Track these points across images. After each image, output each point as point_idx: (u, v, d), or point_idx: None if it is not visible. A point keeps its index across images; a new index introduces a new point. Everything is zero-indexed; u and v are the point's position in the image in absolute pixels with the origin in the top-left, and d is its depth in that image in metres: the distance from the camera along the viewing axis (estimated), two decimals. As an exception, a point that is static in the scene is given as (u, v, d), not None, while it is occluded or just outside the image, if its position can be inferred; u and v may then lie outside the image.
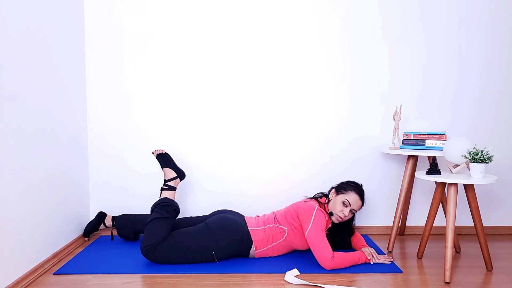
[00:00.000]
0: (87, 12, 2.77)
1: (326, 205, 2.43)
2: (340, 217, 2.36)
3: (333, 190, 2.46)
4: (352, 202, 2.37)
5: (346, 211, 2.35)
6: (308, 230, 2.24)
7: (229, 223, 2.34)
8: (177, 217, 2.50)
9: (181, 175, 2.58)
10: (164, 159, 2.58)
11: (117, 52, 2.80)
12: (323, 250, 2.18)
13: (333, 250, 2.32)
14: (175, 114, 2.85)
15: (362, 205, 2.43)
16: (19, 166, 1.98)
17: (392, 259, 2.35)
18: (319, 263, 2.21)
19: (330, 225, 2.42)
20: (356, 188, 2.43)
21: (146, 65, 2.82)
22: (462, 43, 2.87)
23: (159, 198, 2.46)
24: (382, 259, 2.32)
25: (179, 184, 2.70)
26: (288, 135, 2.89)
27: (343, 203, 2.36)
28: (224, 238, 2.28)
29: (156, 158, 2.60)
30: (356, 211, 2.42)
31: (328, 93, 2.88)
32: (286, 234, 2.34)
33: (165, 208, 2.34)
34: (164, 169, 2.57)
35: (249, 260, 2.36)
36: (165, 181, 2.53)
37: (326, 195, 2.50)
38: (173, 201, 2.41)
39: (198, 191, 2.88)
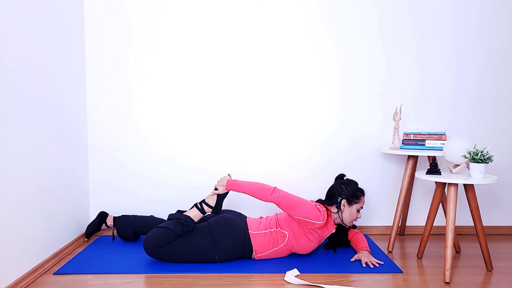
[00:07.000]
0: (87, 8, 2.77)
1: (333, 213, 2.40)
2: (356, 220, 2.48)
3: (344, 202, 2.38)
4: (363, 205, 2.47)
5: (360, 214, 2.46)
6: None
7: (231, 225, 2.32)
8: None
9: (217, 211, 2.43)
10: (223, 195, 2.44)
11: (117, 51, 2.80)
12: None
13: (335, 248, 2.51)
14: (176, 115, 2.85)
15: None
16: (19, 167, 1.98)
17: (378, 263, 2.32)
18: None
19: (334, 230, 2.40)
20: (363, 192, 2.46)
21: (147, 65, 2.82)
22: (460, 42, 2.87)
23: (186, 211, 2.37)
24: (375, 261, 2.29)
25: (183, 193, 2.79)
26: (287, 135, 2.89)
27: (358, 211, 2.44)
28: (225, 241, 2.28)
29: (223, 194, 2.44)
30: None
31: (327, 93, 2.88)
32: (286, 239, 2.33)
33: (182, 226, 2.27)
34: (214, 193, 2.42)
35: (249, 260, 2.36)
36: (204, 201, 2.40)
37: (336, 205, 2.40)
38: (193, 223, 2.31)
39: (198, 191, 2.88)
